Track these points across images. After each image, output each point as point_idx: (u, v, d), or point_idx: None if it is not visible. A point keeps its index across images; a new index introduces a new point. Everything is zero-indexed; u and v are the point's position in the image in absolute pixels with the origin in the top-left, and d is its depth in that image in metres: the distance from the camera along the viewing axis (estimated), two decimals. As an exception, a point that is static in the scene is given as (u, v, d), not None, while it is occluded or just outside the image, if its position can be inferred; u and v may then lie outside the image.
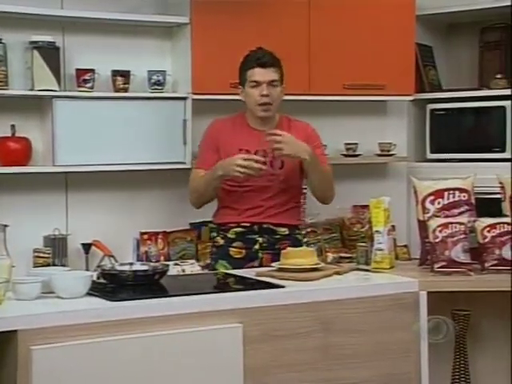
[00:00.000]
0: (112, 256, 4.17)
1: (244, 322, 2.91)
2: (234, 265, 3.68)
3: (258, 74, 3.67)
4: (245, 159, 3.56)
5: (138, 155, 4.21)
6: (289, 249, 3.44)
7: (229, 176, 3.61)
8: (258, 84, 3.67)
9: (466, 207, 3.52)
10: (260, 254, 3.73)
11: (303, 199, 4.12)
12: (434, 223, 3.42)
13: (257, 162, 3.57)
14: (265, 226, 3.74)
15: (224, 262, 3.76)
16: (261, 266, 3.64)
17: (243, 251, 3.75)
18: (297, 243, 3.70)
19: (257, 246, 3.74)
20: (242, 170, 3.55)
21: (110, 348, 2.71)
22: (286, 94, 3.81)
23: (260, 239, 3.74)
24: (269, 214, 3.74)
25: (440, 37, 5.16)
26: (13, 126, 4.06)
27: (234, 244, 3.76)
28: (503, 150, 4.60)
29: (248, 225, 3.73)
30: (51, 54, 4.04)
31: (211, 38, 4.26)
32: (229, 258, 3.76)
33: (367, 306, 3.15)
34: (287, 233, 3.76)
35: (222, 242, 3.80)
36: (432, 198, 3.52)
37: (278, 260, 3.41)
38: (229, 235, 3.76)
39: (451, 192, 3.53)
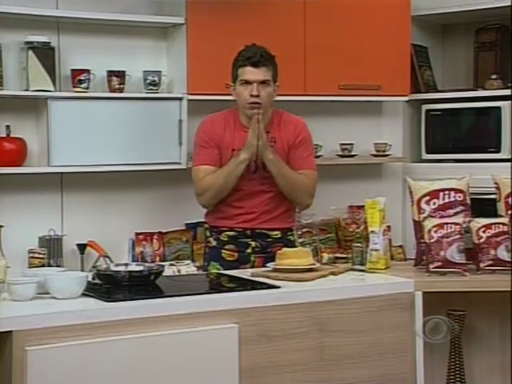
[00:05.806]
0: (107, 256, 4.16)
1: (239, 322, 2.90)
2: (227, 267, 3.66)
3: (249, 73, 3.62)
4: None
5: (133, 155, 4.20)
6: (284, 249, 3.44)
7: (249, 152, 3.59)
8: (248, 83, 3.63)
9: (462, 207, 3.52)
10: (252, 258, 3.72)
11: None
12: (429, 223, 3.42)
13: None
14: (257, 230, 3.72)
15: (216, 264, 3.74)
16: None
17: (236, 254, 3.74)
18: (289, 245, 3.68)
19: (249, 250, 3.73)
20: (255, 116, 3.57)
21: (105, 349, 2.70)
22: (282, 95, 3.81)
23: (252, 243, 3.73)
24: (262, 220, 3.72)
25: (435, 37, 5.16)
26: (8, 127, 4.05)
27: (227, 246, 3.75)
28: (498, 151, 4.60)
29: (241, 229, 3.72)
30: (46, 55, 4.03)
31: (207, 38, 4.26)
32: (221, 260, 3.75)
33: (363, 306, 3.15)
34: (279, 236, 3.75)
35: (214, 243, 3.79)
36: (427, 198, 3.52)
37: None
38: (221, 237, 3.75)
39: (446, 192, 3.53)
